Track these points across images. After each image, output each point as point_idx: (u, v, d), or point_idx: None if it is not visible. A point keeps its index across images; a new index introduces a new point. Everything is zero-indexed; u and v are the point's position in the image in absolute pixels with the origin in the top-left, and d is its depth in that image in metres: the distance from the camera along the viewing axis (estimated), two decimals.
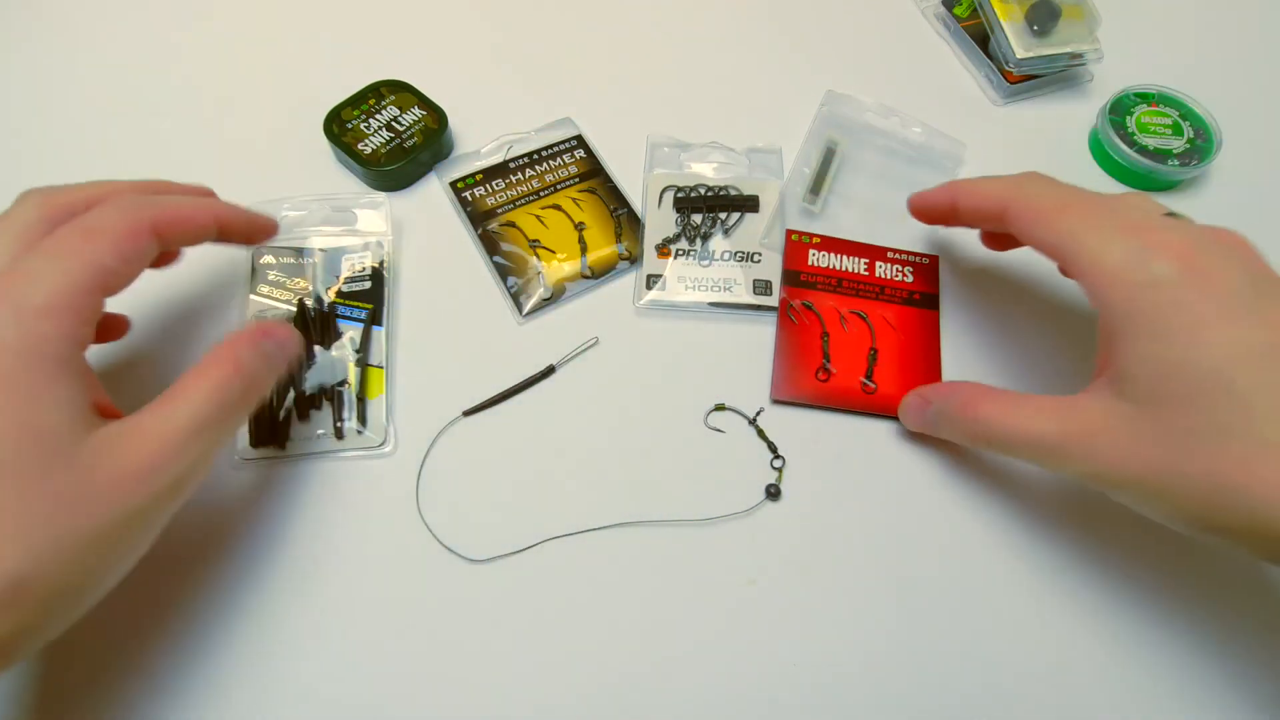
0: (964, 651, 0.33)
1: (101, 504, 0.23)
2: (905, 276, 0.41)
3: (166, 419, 0.25)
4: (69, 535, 0.22)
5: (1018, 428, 0.30)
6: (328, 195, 0.41)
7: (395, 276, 0.40)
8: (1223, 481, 0.24)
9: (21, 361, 0.23)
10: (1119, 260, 0.27)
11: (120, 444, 0.24)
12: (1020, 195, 0.31)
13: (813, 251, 0.41)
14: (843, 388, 0.38)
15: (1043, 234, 0.30)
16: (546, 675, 0.32)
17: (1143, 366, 0.26)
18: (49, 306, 0.23)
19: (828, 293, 0.40)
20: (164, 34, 0.49)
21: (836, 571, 0.34)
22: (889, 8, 0.53)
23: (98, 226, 0.25)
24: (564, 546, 0.34)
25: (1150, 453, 0.26)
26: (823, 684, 0.32)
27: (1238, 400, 0.24)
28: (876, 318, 0.39)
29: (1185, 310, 0.25)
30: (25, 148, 0.44)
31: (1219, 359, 0.24)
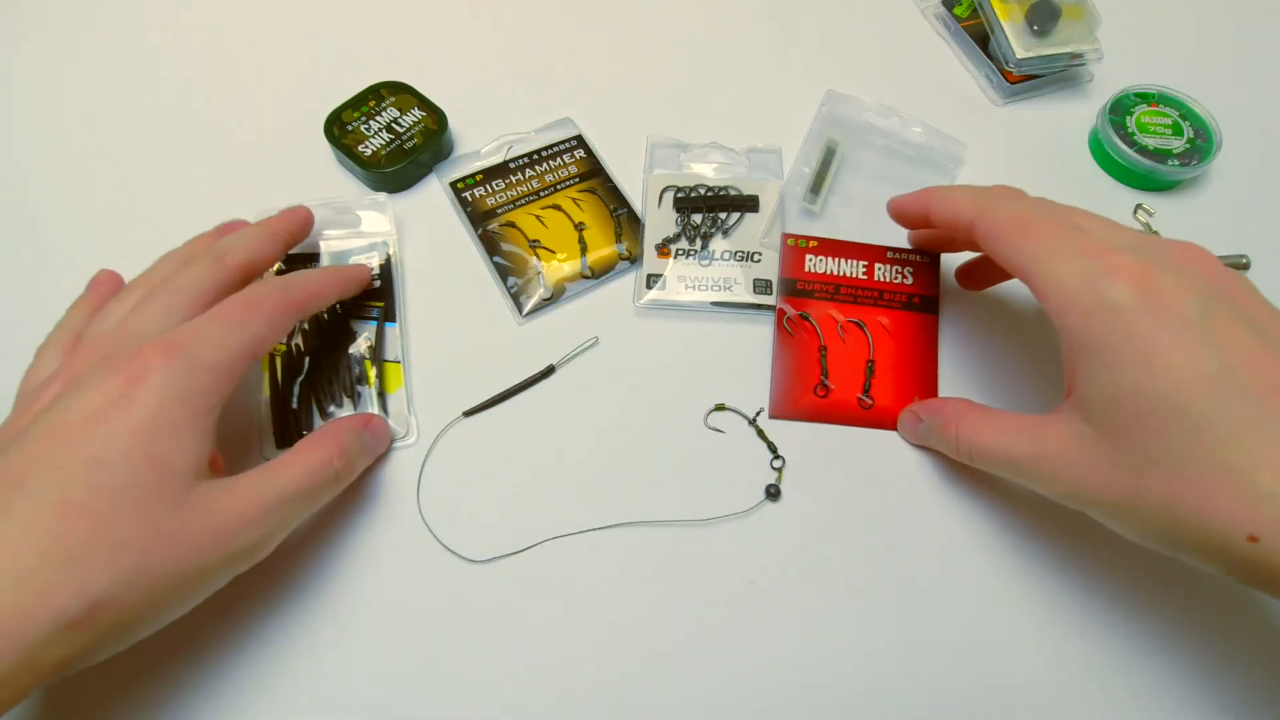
0: (962, 652, 0.33)
1: (188, 549, 0.25)
2: (905, 278, 0.40)
3: (261, 485, 0.28)
4: (153, 571, 0.24)
5: (994, 446, 0.31)
6: (329, 199, 0.41)
7: (402, 273, 0.41)
8: (1181, 506, 0.25)
9: (179, 404, 0.26)
10: (1075, 285, 0.27)
11: (218, 499, 0.26)
12: (986, 211, 0.31)
13: (810, 257, 0.40)
14: (841, 403, 0.37)
15: (1006, 253, 0.30)
16: (546, 675, 0.32)
17: (1100, 392, 0.26)
18: (213, 364, 0.27)
19: (825, 301, 0.39)
20: (164, 36, 0.49)
21: (836, 571, 0.34)
22: (889, 8, 0.53)
23: (257, 300, 0.30)
24: (564, 546, 0.34)
25: (1111, 476, 0.26)
26: (822, 684, 0.32)
27: (1192, 426, 0.24)
28: (874, 325, 0.39)
29: (1138, 337, 0.25)
30: (25, 147, 0.45)
31: (1172, 385, 0.25)
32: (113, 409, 0.25)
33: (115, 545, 0.24)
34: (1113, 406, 0.26)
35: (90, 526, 0.23)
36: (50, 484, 0.24)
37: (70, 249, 0.41)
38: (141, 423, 0.25)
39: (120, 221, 0.42)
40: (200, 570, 0.26)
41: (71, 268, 0.41)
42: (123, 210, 0.43)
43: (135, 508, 0.24)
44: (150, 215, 0.42)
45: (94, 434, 0.24)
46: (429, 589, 0.33)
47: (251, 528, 0.27)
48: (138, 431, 0.25)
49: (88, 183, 0.43)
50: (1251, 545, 0.23)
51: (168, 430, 0.25)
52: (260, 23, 0.50)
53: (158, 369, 0.26)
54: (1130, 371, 0.25)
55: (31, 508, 0.23)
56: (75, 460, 0.24)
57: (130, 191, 0.43)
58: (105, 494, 0.24)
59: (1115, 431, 0.26)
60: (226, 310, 0.29)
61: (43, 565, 0.22)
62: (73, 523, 0.23)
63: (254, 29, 0.50)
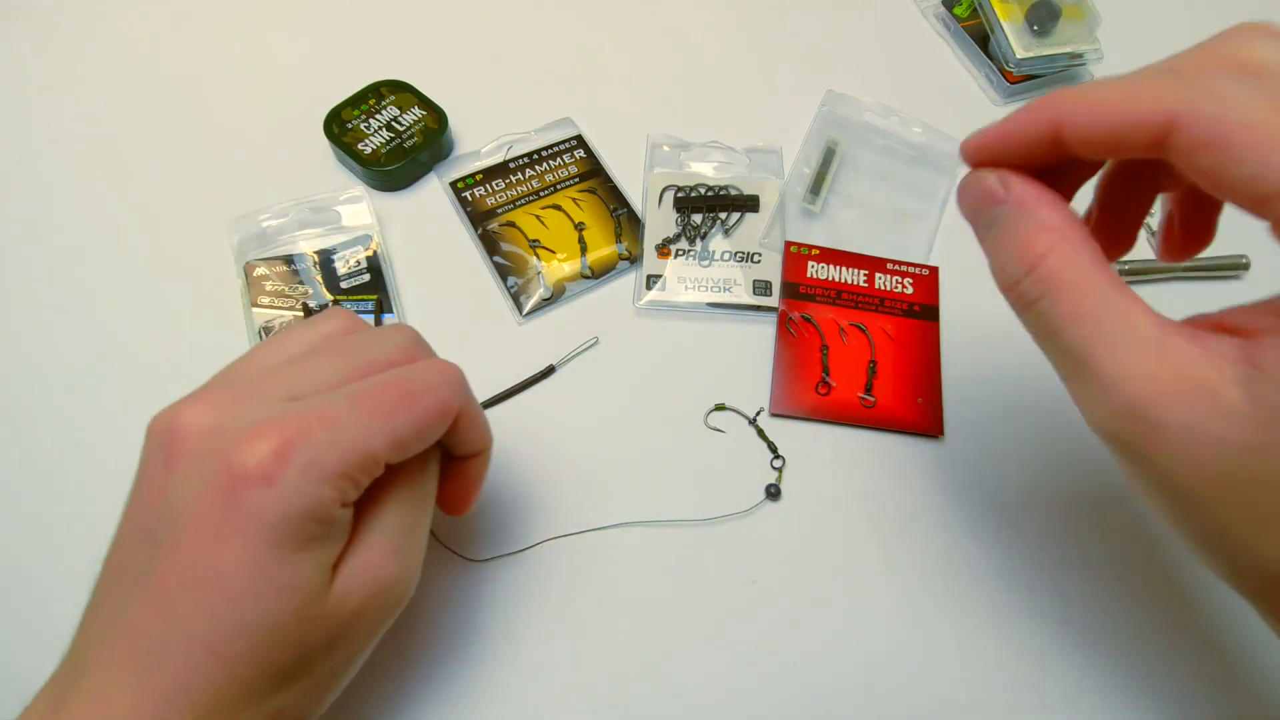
0: (961, 651, 0.33)
1: (345, 644, 0.23)
2: (905, 288, 0.40)
3: (386, 538, 0.24)
4: (320, 675, 0.23)
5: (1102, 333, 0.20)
6: (304, 199, 0.41)
7: (390, 264, 0.41)
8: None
9: (293, 526, 0.21)
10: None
11: (355, 582, 0.23)
12: (1203, 108, 0.18)
13: (811, 263, 0.41)
14: (842, 401, 0.37)
15: (1256, 172, 0.18)
16: (546, 675, 0.32)
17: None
18: (335, 474, 0.21)
19: (827, 305, 0.40)
20: (164, 35, 0.49)
21: (836, 571, 0.34)
22: (889, 8, 0.53)
23: (417, 390, 0.23)
24: (564, 546, 0.34)
25: (1235, 474, 0.18)
26: (822, 684, 0.32)
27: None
28: (876, 330, 0.39)
29: None
30: (25, 147, 0.44)
31: None
32: (227, 531, 0.21)
33: (278, 671, 0.22)
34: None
35: (248, 662, 0.21)
36: (194, 628, 0.21)
37: (70, 247, 0.41)
38: (253, 557, 0.21)
39: (120, 220, 0.42)
40: (365, 642, 0.25)
41: (72, 266, 0.41)
42: (123, 208, 0.43)
43: (284, 638, 0.22)
44: (150, 213, 0.42)
45: (206, 569, 0.21)
46: (428, 589, 0.33)
47: (396, 580, 0.24)
48: (251, 567, 0.21)
49: (87, 180, 0.43)
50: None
51: (285, 559, 0.21)
52: (260, 21, 0.50)
53: (261, 484, 0.21)
54: None
55: (183, 657, 0.21)
56: (206, 600, 0.21)
57: (130, 190, 0.43)
58: (248, 636, 0.21)
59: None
60: (373, 393, 0.23)
61: (220, 700, 0.21)
62: (232, 663, 0.21)
63: (254, 27, 0.50)
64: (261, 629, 0.21)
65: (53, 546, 0.34)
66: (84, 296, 0.40)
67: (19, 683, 0.26)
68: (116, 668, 0.21)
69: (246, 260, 0.39)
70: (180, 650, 0.21)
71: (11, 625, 0.32)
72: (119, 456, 0.35)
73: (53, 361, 0.38)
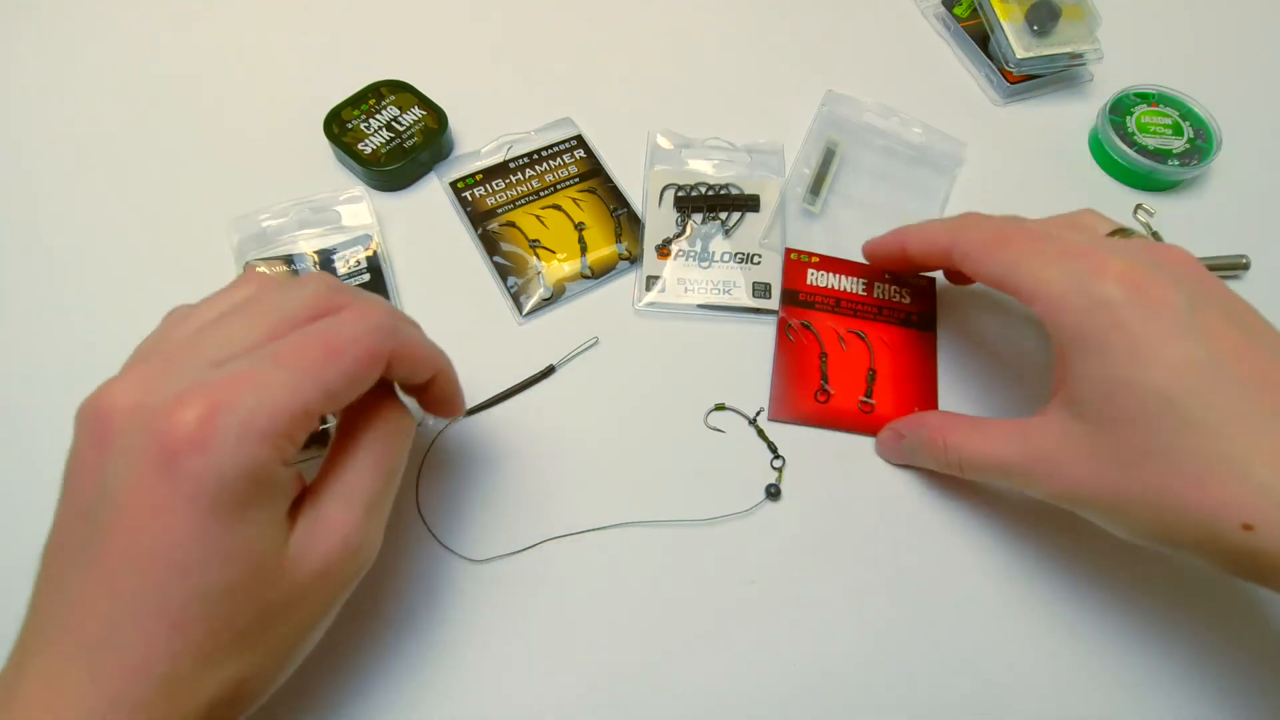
0: (960, 651, 0.33)
1: (305, 605, 0.24)
2: (903, 297, 0.41)
3: (346, 502, 0.25)
4: (279, 637, 0.24)
5: (983, 453, 0.31)
6: (304, 199, 0.41)
7: (390, 264, 0.41)
8: (1173, 499, 0.25)
9: (233, 489, 0.21)
10: (1062, 285, 0.27)
11: (316, 545, 0.24)
12: (962, 233, 0.32)
13: (811, 271, 0.41)
14: (841, 408, 0.37)
15: (987, 268, 0.31)
16: (546, 675, 0.32)
17: (1092, 387, 0.27)
18: (268, 432, 0.21)
19: (826, 313, 0.40)
20: (164, 34, 0.49)
21: (836, 571, 0.34)
22: (889, 8, 0.53)
23: (340, 344, 0.23)
24: (564, 546, 0.34)
25: (1103, 473, 0.27)
26: (822, 684, 0.32)
27: (1182, 417, 0.24)
28: (875, 338, 0.39)
29: (1127, 330, 0.26)
30: (25, 147, 0.44)
31: (1162, 378, 0.25)
32: (167, 502, 0.21)
33: (236, 636, 0.22)
34: (1103, 401, 0.26)
35: (205, 628, 0.22)
36: (149, 602, 0.21)
37: (70, 248, 0.41)
38: (198, 525, 0.21)
39: (120, 220, 0.42)
40: (324, 608, 0.25)
41: (72, 266, 0.41)
42: (123, 208, 0.43)
43: (240, 603, 0.22)
44: (150, 213, 0.42)
45: (152, 543, 0.21)
46: (428, 589, 0.33)
47: (357, 547, 0.25)
48: (197, 534, 0.21)
49: (87, 180, 0.43)
50: (1246, 534, 0.23)
51: (232, 520, 0.21)
52: (260, 21, 0.50)
53: (193, 452, 0.21)
54: (1120, 365, 0.26)
55: (136, 632, 0.21)
56: (156, 574, 0.21)
57: (130, 189, 0.43)
58: (205, 601, 0.21)
59: (1106, 426, 0.26)
60: (297, 350, 0.23)
61: (178, 673, 0.21)
62: (188, 631, 0.21)
63: (254, 27, 0.50)
64: (217, 592, 0.21)
65: None
66: (84, 296, 0.40)
67: None
68: (64, 652, 0.21)
69: (246, 260, 0.39)
70: (133, 626, 0.21)
71: (12, 625, 0.32)
72: None
73: (52, 361, 0.38)
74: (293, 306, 0.24)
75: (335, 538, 0.24)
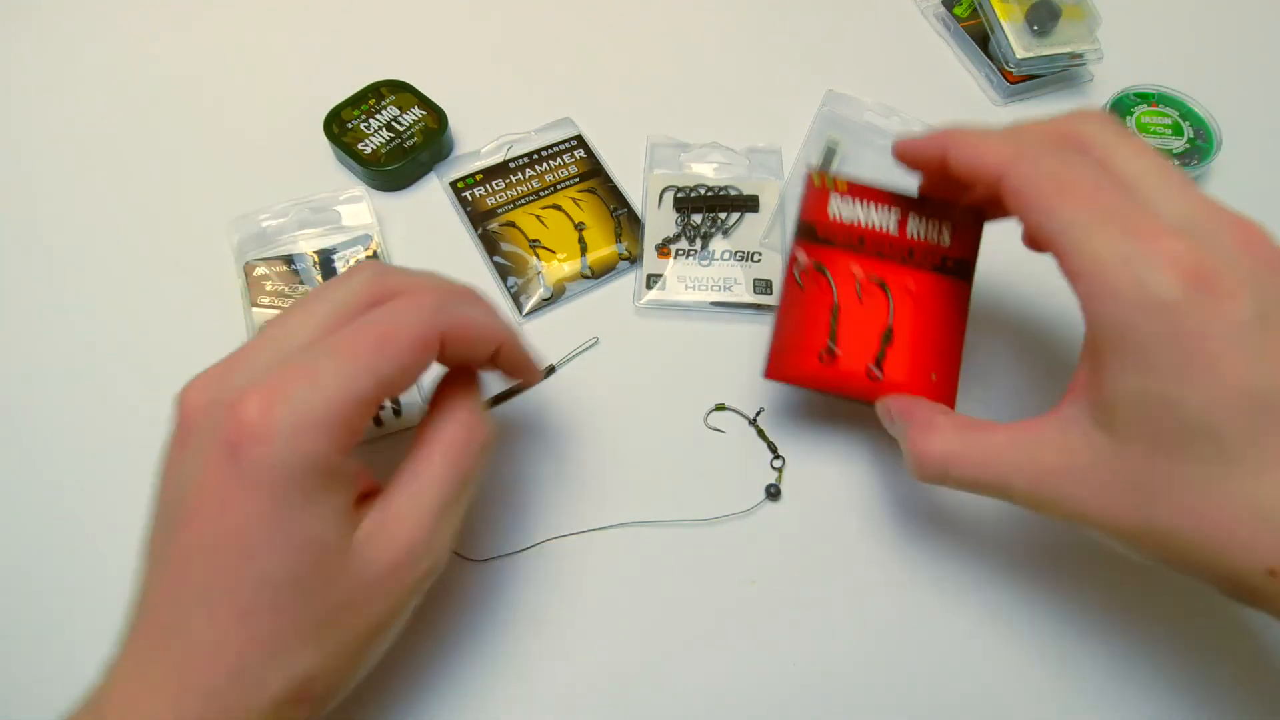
0: (961, 652, 0.33)
1: (372, 602, 0.24)
2: (942, 236, 0.34)
3: (413, 503, 0.25)
4: (348, 633, 0.23)
5: (978, 467, 0.27)
6: (304, 199, 0.41)
7: (390, 264, 0.40)
8: (1198, 537, 0.23)
9: (294, 478, 0.22)
10: (1116, 271, 0.23)
11: (380, 542, 0.24)
12: (1021, 166, 0.26)
13: (835, 199, 0.34)
14: (846, 373, 0.33)
15: (1038, 219, 0.25)
16: (546, 675, 0.32)
17: (1128, 398, 0.23)
18: (325, 422, 0.22)
19: (847, 252, 0.33)
20: (164, 33, 0.49)
21: (836, 571, 0.34)
22: (889, 8, 0.53)
23: (391, 332, 0.24)
24: (564, 546, 0.34)
25: (1125, 498, 0.24)
26: (822, 683, 0.32)
27: (1223, 451, 0.22)
28: (898, 288, 0.33)
29: (1184, 341, 0.22)
30: (25, 147, 0.44)
31: (1212, 401, 0.22)
32: (230, 499, 0.22)
33: (302, 630, 0.22)
34: (1138, 418, 0.23)
35: (272, 618, 0.22)
36: (216, 590, 0.22)
37: (70, 248, 0.41)
38: (267, 499, 0.21)
39: (120, 220, 0.42)
40: (391, 610, 0.24)
41: (72, 266, 0.41)
42: (123, 208, 0.43)
43: (305, 594, 0.22)
44: (150, 213, 0.42)
45: (218, 530, 0.22)
46: (429, 588, 0.33)
47: (425, 549, 0.25)
48: (265, 512, 0.22)
49: (87, 180, 0.43)
50: (1269, 578, 0.22)
51: (295, 512, 0.22)
52: (260, 21, 0.50)
53: (254, 443, 0.21)
54: (1168, 380, 0.22)
55: (206, 620, 0.22)
56: (222, 561, 0.22)
57: (130, 189, 0.43)
58: (271, 588, 0.22)
59: (1136, 446, 0.23)
60: (349, 342, 0.23)
61: (245, 663, 0.22)
62: (255, 620, 0.22)
63: (254, 27, 0.50)
64: (282, 581, 0.22)
65: (53, 545, 0.34)
66: (84, 296, 0.40)
67: (14, 682, 0.26)
68: (146, 640, 0.23)
69: (246, 260, 0.39)
70: (203, 615, 0.22)
71: (12, 624, 0.32)
72: (119, 455, 0.36)
73: (52, 361, 0.38)
74: (345, 298, 0.25)
75: (402, 538, 0.24)
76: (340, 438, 0.22)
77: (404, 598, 0.25)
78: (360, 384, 0.23)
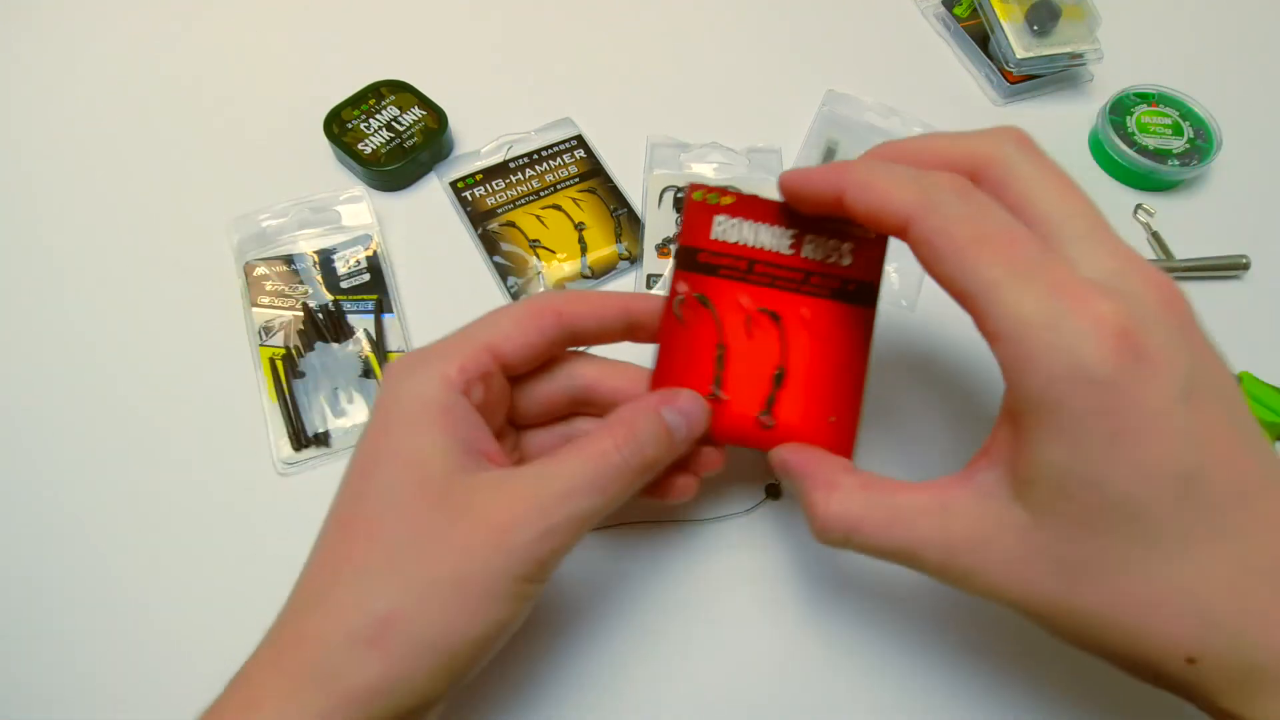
0: (963, 651, 0.33)
1: (461, 551, 0.23)
2: (841, 258, 0.29)
3: (536, 481, 0.24)
4: (432, 578, 0.22)
5: (885, 535, 0.25)
6: (304, 199, 0.41)
7: (390, 264, 0.41)
8: (1115, 620, 0.22)
9: (414, 400, 0.25)
10: (1044, 338, 0.21)
11: (488, 496, 0.24)
12: (929, 215, 0.23)
13: (720, 219, 0.29)
14: (735, 419, 0.29)
15: (951, 272, 0.23)
16: (545, 674, 0.32)
17: (1053, 475, 0.21)
18: (440, 358, 0.26)
19: (733, 280, 0.29)
20: (164, 33, 0.49)
21: (836, 571, 0.34)
22: (889, 8, 0.53)
23: (502, 307, 0.28)
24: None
25: (1042, 578, 0.22)
26: (823, 684, 0.32)
27: (1145, 533, 0.21)
28: (792, 318, 0.29)
29: (1113, 420, 0.20)
30: (25, 147, 0.44)
31: (1137, 483, 0.21)
32: (371, 415, 0.26)
33: (390, 555, 0.23)
34: (1062, 494, 0.21)
35: (366, 537, 0.23)
36: (334, 503, 0.25)
37: (70, 247, 0.41)
38: (384, 424, 0.25)
39: (120, 220, 0.42)
40: (482, 577, 0.23)
41: (72, 266, 0.41)
42: (123, 208, 0.43)
43: (400, 511, 0.23)
44: (150, 213, 0.42)
45: (359, 444, 0.25)
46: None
47: (529, 526, 0.23)
48: (381, 433, 0.25)
49: (88, 180, 0.43)
50: (1189, 667, 0.21)
51: (408, 426, 0.24)
52: (260, 21, 0.50)
53: (396, 369, 0.26)
54: (1095, 458, 0.21)
55: (322, 529, 0.25)
56: (348, 473, 0.25)
57: (130, 189, 0.43)
58: (371, 502, 0.24)
59: (1055, 525, 0.22)
60: (484, 318, 0.28)
61: (330, 584, 0.23)
62: (351, 536, 0.23)
63: (254, 27, 0.50)
64: (379, 491, 0.24)
65: (53, 545, 0.34)
66: (84, 296, 0.40)
67: (14, 682, 0.26)
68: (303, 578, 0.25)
69: (246, 260, 0.39)
70: (323, 529, 0.25)
71: (12, 624, 0.32)
72: (119, 455, 0.36)
73: (52, 361, 0.38)
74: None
75: (516, 504, 0.24)
76: (453, 374, 0.25)
77: (496, 568, 0.23)
78: (474, 333, 0.27)
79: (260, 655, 0.23)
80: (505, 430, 0.29)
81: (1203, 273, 0.42)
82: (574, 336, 0.28)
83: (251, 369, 0.37)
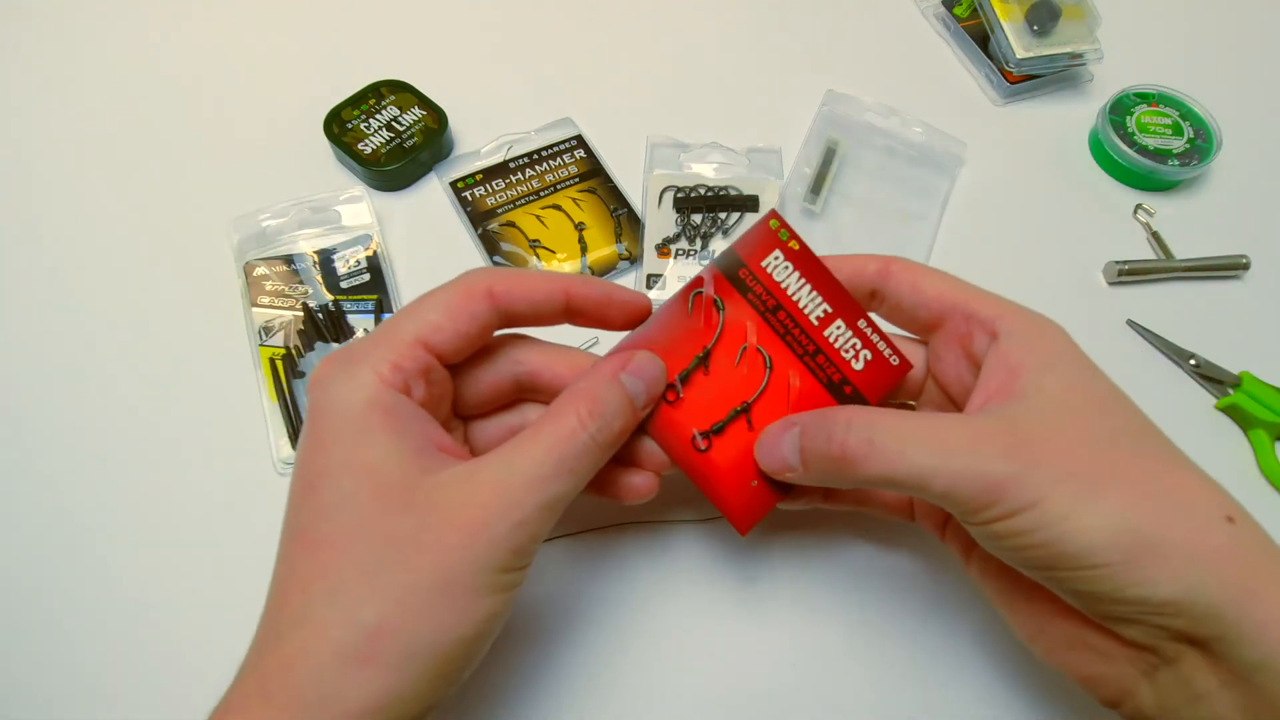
0: (964, 651, 0.33)
1: (437, 552, 0.22)
2: (856, 358, 0.29)
3: (504, 469, 0.23)
4: (412, 583, 0.22)
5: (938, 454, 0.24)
6: (304, 198, 0.41)
7: (390, 264, 0.41)
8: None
9: (345, 414, 0.23)
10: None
11: (455, 493, 0.23)
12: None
13: (777, 255, 0.29)
14: (675, 424, 0.28)
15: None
16: (545, 674, 0.32)
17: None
18: (370, 358, 0.24)
19: (754, 310, 0.29)
20: (164, 34, 0.49)
21: (836, 570, 0.34)
22: (889, 8, 0.53)
23: (434, 291, 0.26)
24: (565, 546, 0.34)
25: (993, 449, 0.24)
26: (823, 684, 0.32)
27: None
28: (780, 373, 0.29)
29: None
30: (25, 147, 0.44)
31: None
32: (306, 428, 0.24)
33: (363, 568, 0.21)
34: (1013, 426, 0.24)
35: (334, 552, 0.22)
36: (287, 524, 0.23)
37: (70, 247, 0.41)
38: (324, 434, 0.23)
39: (121, 220, 0.42)
40: (463, 574, 0.22)
41: (72, 266, 0.41)
42: (123, 208, 0.43)
43: (363, 521, 0.22)
44: (151, 213, 0.42)
45: (299, 459, 0.24)
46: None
47: (502, 519, 0.22)
48: (324, 445, 0.23)
49: (88, 180, 0.43)
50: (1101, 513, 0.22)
51: (352, 435, 0.23)
52: (260, 21, 0.50)
53: (323, 375, 0.24)
54: None
55: (281, 553, 0.23)
56: (294, 491, 0.23)
57: (130, 189, 0.43)
58: (331, 517, 0.22)
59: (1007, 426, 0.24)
60: (416, 301, 0.26)
61: (305, 604, 0.21)
62: (318, 553, 0.22)
63: (254, 27, 0.50)
64: (338, 504, 0.23)
65: (53, 545, 0.34)
66: (84, 296, 0.40)
67: (14, 682, 0.26)
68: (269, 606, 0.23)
69: (246, 260, 0.39)
70: (280, 551, 0.23)
71: (12, 624, 0.32)
72: (119, 454, 0.36)
73: (53, 361, 0.38)
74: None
75: (482, 495, 0.23)
76: (387, 374, 0.24)
77: (474, 564, 0.22)
78: (407, 328, 0.25)
79: (243, 685, 0.22)
80: (452, 422, 0.28)
81: (1203, 273, 0.42)
82: (509, 318, 0.27)
83: (251, 369, 0.37)
